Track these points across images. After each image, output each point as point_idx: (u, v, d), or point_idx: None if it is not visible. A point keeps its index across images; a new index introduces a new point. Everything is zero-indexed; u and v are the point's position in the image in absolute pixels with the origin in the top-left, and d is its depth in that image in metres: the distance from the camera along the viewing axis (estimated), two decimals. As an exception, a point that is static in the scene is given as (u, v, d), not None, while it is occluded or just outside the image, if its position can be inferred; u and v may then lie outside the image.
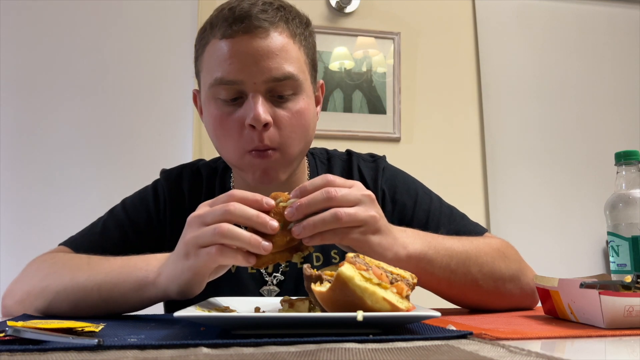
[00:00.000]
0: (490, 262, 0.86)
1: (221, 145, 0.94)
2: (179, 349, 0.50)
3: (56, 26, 2.25)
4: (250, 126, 0.87)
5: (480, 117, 2.57)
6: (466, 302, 0.89)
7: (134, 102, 2.27)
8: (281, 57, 0.88)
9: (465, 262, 0.83)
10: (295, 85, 0.90)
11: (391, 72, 2.49)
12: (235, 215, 0.66)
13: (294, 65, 0.89)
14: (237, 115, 0.89)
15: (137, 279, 0.77)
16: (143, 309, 0.82)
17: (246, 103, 0.88)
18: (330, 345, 0.51)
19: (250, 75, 0.86)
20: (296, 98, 0.91)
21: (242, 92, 0.88)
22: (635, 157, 0.85)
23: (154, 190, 1.04)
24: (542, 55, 2.68)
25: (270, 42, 0.87)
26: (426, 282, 0.81)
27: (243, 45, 0.86)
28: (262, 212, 0.67)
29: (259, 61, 0.86)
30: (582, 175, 2.58)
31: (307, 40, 0.95)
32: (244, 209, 0.66)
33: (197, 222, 0.69)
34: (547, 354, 0.46)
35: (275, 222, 0.66)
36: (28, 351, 0.49)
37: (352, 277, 0.57)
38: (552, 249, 2.46)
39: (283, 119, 0.89)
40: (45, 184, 2.15)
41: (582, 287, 0.64)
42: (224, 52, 0.87)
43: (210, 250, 0.66)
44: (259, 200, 0.68)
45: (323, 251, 1.00)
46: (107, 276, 0.79)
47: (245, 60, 0.86)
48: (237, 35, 0.87)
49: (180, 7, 2.35)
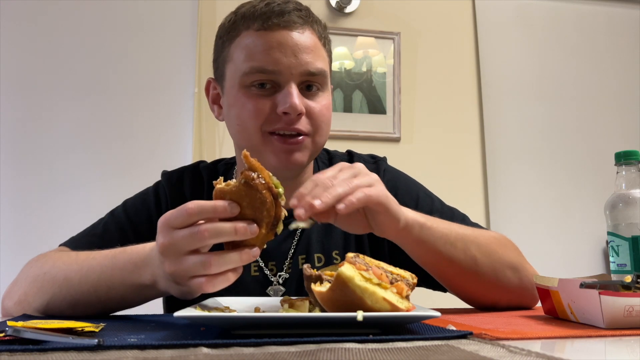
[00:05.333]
0: (489, 245, 0.88)
1: (244, 128, 0.94)
2: (179, 349, 0.50)
3: (56, 26, 2.25)
4: (284, 114, 0.90)
5: (480, 117, 2.57)
6: (465, 288, 0.90)
7: (134, 102, 2.27)
8: (315, 53, 0.94)
9: (464, 239, 0.85)
10: (323, 82, 0.96)
11: (391, 72, 2.49)
12: (211, 239, 0.63)
13: (323, 63, 0.96)
14: (268, 102, 0.92)
15: (132, 283, 0.76)
16: (144, 303, 0.82)
17: (281, 92, 0.91)
18: (330, 345, 0.51)
19: (288, 66, 0.91)
20: (323, 94, 0.96)
21: (276, 82, 0.92)
22: (635, 157, 0.85)
23: (155, 192, 1.04)
24: (542, 55, 2.68)
25: (307, 38, 0.93)
26: (427, 254, 0.83)
27: (282, 38, 0.91)
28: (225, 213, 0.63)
29: (297, 54, 0.91)
30: (582, 175, 2.58)
31: (329, 44, 1.02)
32: (218, 230, 0.63)
33: (174, 252, 0.65)
34: (547, 354, 0.46)
35: (255, 226, 0.63)
36: (28, 351, 0.49)
37: (352, 277, 0.58)
38: (552, 249, 2.46)
39: (314, 109, 0.94)
40: (45, 185, 2.15)
41: (582, 287, 0.64)
42: (262, 43, 0.91)
43: (200, 280, 0.64)
44: (224, 207, 0.63)
45: (324, 252, 1.00)
46: (101, 277, 0.79)
47: (285, 52, 0.91)
48: (277, 29, 0.91)
49: (180, 7, 2.35)
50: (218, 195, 0.64)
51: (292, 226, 0.70)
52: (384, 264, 0.67)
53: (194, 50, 2.29)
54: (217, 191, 0.64)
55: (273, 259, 0.99)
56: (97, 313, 0.83)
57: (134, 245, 0.79)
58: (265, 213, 0.64)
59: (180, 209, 0.64)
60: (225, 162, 1.10)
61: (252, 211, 0.64)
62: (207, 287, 0.64)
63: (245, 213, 0.64)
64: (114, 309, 0.83)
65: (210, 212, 0.63)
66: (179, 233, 0.64)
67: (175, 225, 0.64)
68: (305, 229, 1.01)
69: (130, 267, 0.76)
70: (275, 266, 0.99)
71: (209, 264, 0.63)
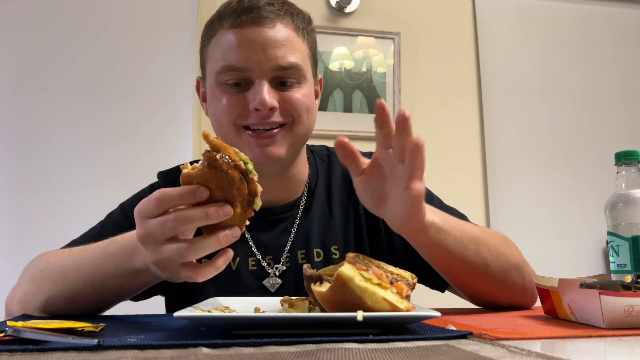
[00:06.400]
0: (497, 245, 0.88)
1: (220, 123, 0.96)
2: (179, 349, 0.50)
3: (56, 26, 2.25)
4: (255, 110, 0.91)
5: (480, 117, 2.57)
6: (474, 287, 0.90)
7: (134, 102, 2.26)
8: (287, 47, 0.93)
9: (477, 240, 0.85)
10: (299, 75, 0.94)
11: (391, 72, 2.49)
12: (182, 226, 0.62)
13: (298, 56, 0.94)
14: (241, 98, 0.92)
15: (126, 270, 0.76)
16: (143, 289, 0.83)
17: (252, 89, 0.92)
18: (330, 345, 0.51)
19: (258, 63, 0.91)
20: (299, 87, 0.95)
21: (248, 79, 0.92)
22: (635, 157, 0.85)
23: (151, 192, 1.04)
24: (541, 55, 2.68)
25: (276, 32, 0.92)
26: (439, 255, 0.83)
27: (251, 35, 0.91)
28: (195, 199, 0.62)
29: (266, 49, 0.91)
30: (582, 175, 2.58)
31: (309, 35, 0.99)
32: (187, 216, 0.62)
33: (151, 241, 0.65)
34: (547, 354, 0.46)
35: (228, 207, 0.61)
36: (28, 351, 0.49)
37: (352, 277, 0.57)
38: (552, 249, 2.46)
39: (288, 99, 0.93)
40: (45, 185, 2.15)
41: (582, 287, 0.64)
42: (233, 41, 0.92)
43: (189, 273, 0.65)
44: (191, 192, 0.62)
45: (324, 247, 1.00)
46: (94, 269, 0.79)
47: (253, 48, 0.91)
48: (245, 25, 0.92)
49: (180, 7, 2.35)
50: (185, 181, 0.63)
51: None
52: (384, 264, 0.67)
53: (194, 50, 2.29)
54: (183, 176, 0.63)
55: (270, 252, 0.99)
56: (98, 307, 0.83)
57: (124, 234, 0.78)
58: (236, 192, 0.62)
59: (149, 198, 0.64)
60: None
61: (222, 192, 0.62)
62: (197, 277, 0.65)
63: (216, 195, 0.62)
64: (113, 300, 0.83)
65: (177, 199, 0.62)
66: (152, 222, 0.64)
67: (148, 215, 0.64)
68: (303, 225, 1.01)
69: (122, 255, 0.76)
70: (273, 260, 0.99)
71: (186, 251, 0.63)
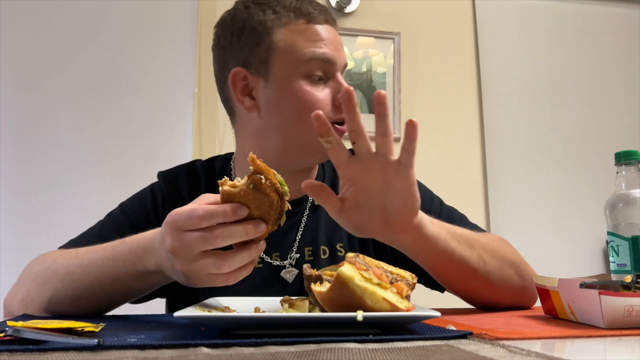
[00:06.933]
0: (492, 244, 0.89)
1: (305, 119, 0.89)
2: (179, 349, 0.50)
3: (56, 26, 2.25)
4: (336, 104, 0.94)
5: (480, 117, 2.57)
6: (471, 289, 0.90)
7: (134, 102, 2.26)
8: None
9: (468, 240, 0.86)
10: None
11: (391, 72, 2.49)
12: (223, 242, 0.66)
13: None
14: (326, 92, 0.95)
15: (137, 272, 0.77)
16: (151, 290, 0.84)
17: (333, 82, 0.96)
18: (330, 345, 0.51)
19: (340, 59, 0.97)
20: None
21: (328, 73, 0.96)
22: (635, 157, 0.85)
23: (151, 192, 1.04)
24: (542, 56, 2.68)
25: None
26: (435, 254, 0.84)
27: (331, 32, 0.97)
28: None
29: (340, 49, 0.98)
30: (582, 175, 2.58)
31: None
32: (230, 233, 0.66)
33: (185, 253, 0.67)
34: (547, 354, 0.46)
35: (263, 225, 0.66)
36: (28, 351, 0.49)
37: (352, 277, 0.57)
38: (552, 249, 2.46)
39: None
40: (44, 185, 2.15)
41: (582, 287, 0.64)
42: (319, 34, 0.95)
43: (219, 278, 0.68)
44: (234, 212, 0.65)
45: (330, 244, 1.01)
46: (103, 269, 0.79)
47: (336, 44, 0.97)
48: (325, 23, 0.97)
49: (180, 7, 2.35)
50: (226, 199, 0.66)
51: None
52: (384, 263, 0.67)
53: (194, 50, 2.29)
54: (224, 193, 0.66)
55: (277, 249, 1.00)
56: (103, 307, 0.83)
57: (133, 236, 0.79)
58: (272, 212, 0.66)
59: (189, 213, 0.65)
60: (221, 158, 1.10)
61: (260, 212, 0.66)
62: (230, 281, 0.69)
63: (253, 213, 0.66)
64: (120, 300, 0.83)
65: (221, 218, 0.65)
66: (190, 236, 0.66)
67: (185, 228, 0.66)
68: (311, 222, 1.01)
69: (132, 257, 0.77)
70: (279, 257, 0.99)
71: (223, 265, 0.66)
